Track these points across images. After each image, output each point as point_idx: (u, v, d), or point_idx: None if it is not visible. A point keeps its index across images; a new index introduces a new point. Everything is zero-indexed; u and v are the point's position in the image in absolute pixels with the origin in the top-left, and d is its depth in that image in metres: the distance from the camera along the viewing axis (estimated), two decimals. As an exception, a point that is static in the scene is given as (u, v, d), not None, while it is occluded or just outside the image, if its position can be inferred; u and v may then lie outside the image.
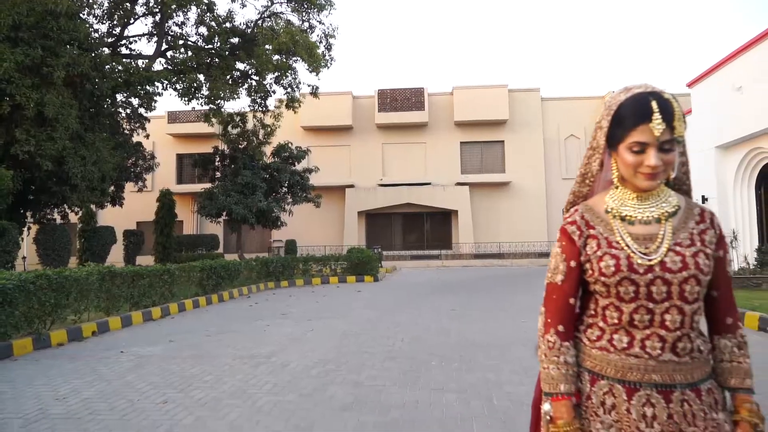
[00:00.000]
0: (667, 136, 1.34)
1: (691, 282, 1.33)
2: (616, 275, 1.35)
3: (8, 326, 6.50)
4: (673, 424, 1.30)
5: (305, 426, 3.77)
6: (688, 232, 1.40)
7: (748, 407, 1.36)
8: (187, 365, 5.78)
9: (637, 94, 1.38)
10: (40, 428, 3.84)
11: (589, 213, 1.48)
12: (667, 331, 1.34)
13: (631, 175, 1.40)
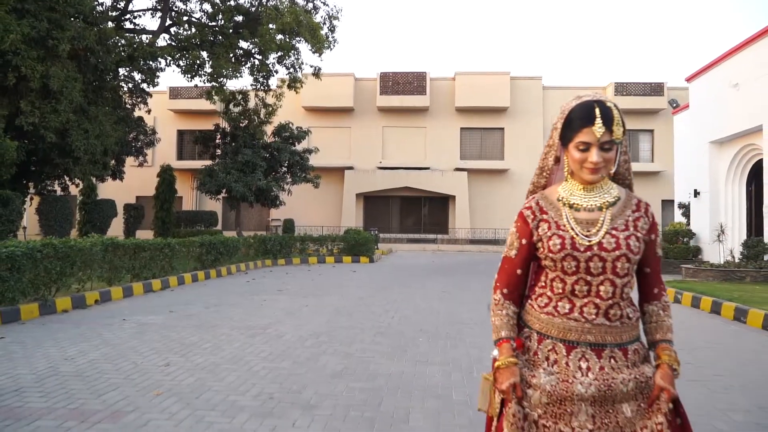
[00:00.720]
0: (607, 138, 1.60)
1: (622, 260, 1.60)
2: (561, 252, 1.62)
3: (16, 292, 6.78)
4: (604, 374, 1.58)
5: (297, 389, 4.07)
6: (625, 219, 1.67)
7: (668, 353, 1.64)
8: (186, 333, 6.09)
9: (585, 102, 1.64)
10: (52, 384, 4.14)
11: (544, 200, 1.75)
12: (601, 299, 1.62)
13: (578, 169, 1.66)
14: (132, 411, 3.56)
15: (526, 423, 1.60)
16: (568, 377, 1.59)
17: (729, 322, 7.32)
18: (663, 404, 1.57)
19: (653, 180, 30.01)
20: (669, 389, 1.58)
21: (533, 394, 1.60)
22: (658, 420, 1.56)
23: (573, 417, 1.57)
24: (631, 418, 1.57)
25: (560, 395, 1.57)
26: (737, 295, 8.61)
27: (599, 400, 1.57)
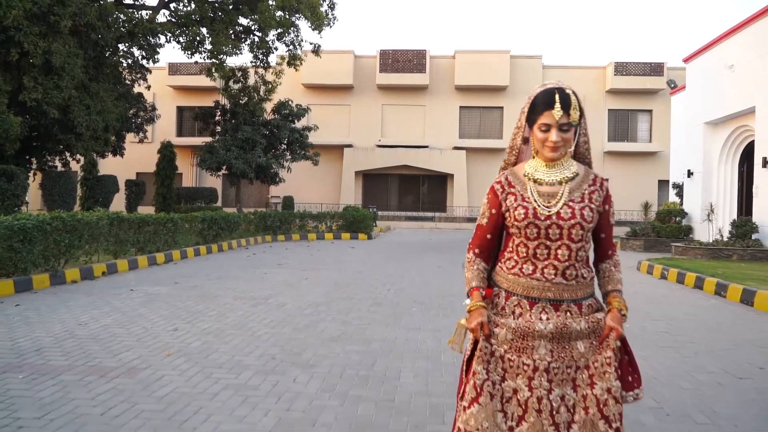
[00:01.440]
0: (565, 120, 1.84)
1: (577, 227, 1.84)
2: (525, 221, 1.86)
3: (28, 263, 7.08)
4: (562, 322, 1.84)
5: (297, 351, 4.40)
6: (581, 192, 1.90)
7: (617, 300, 1.90)
8: (192, 303, 6.41)
9: (547, 89, 1.88)
10: (69, 345, 4.46)
11: (512, 176, 1.99)
12: (559, 261, 1.86)
13: (541, 148, 1.91)
14: (146, 368, 3.88)
15: (493, 358, 1.84)
16: (531, 324, 1.87)
17: (710, 297, 7.66)
18: (612, 341, 1.81)
19: (650, 160, 30.21)
20: (617, 328, 1.82)
21: (500, 332, 1.85)
22: (607, 354, 1.81)
23: (534, 351, 1.82)
24: (584, 353, 1.83)
25: (523, 332, 1.82)
26: (721, 272, 8.93)
27: (557, 337, 1.82)
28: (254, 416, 3.06)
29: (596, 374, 1.82)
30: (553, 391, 1.80)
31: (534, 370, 1.81)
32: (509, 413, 1.82)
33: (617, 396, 1.78)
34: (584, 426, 1.79)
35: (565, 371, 1.82)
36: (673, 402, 3.40)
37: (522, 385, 1.82)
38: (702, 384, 3.76)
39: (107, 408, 3.13)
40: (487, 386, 1.81)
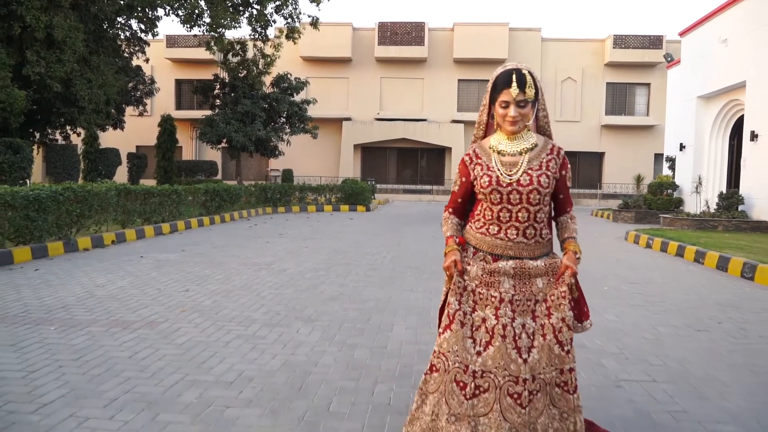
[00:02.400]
0: (522, 97, 2.10)
1: (534, 192, 2.13)
2: (489, 187, 2.15)
3: (43, 231, 7.48)
4: (521, 268, 2.17)
5: (300, 308, 4.82)
6: (540, 161, 2.18)
7: (572, 244, 2.21)
8: (199, 268, 6.82)
9: (507, 70, 2.15)
10: (91, 303, 4.88)
11: (479, 148, 2.28)
12: (519, 223, 2.15)
13: (502, 122, 2.19)
14: (164, 322, 4.30)
15: (465, 292, 2.15)
16: (496, 271, 2.21)
17: (689, 263, 8.09)
18: (567, 278, 2.10)
19: (647, 134, 30.41)
20: (572, 266, 2.12)
21: (471, 269, 2.16)
22: (563, 289, 2.11)
23: (500, 285, 2.12)
24: (542, 288, 2.14)
25: (490, 269, 2.14)
26: (703, 241, 9.34)
27: (518, 275, 2.13)
28: (263, 359, 3.49)
29: (553, 306, 2.12)
30: (515, 320, 2.11)
31: (500, 302, 2.11)
32: (478, 339, 2.12)
33: (570, 324, 2.10)
34: (542, 349, 2.09)
35: (526, 303, 2.13)
36: (634, 349, 3.83)
37: (489, 314, 2.12)
38: (663, 335, 4.20)
39: (133, 352, 3.56)
40: (459, 315, 2.12)
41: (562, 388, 2.12)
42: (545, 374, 2.09)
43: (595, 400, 2.91)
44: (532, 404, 2.07)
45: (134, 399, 2.82)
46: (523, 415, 2.05)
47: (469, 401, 2.07)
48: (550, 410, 2.11)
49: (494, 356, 2.09)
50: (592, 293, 5.69)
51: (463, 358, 2.10)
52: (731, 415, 2.76)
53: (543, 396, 2.10)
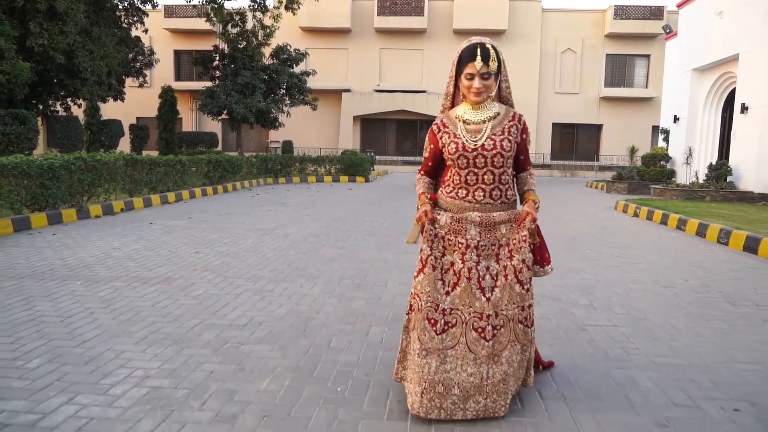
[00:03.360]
0: (485, 70, 2.29)
1: (498, 156, 2.35)
2: (456, 153, 2.36)
3: (57, 198, 7.86)
4: (486, 217, 2.35)
5: (303, 267, 5.25)
6: (502, 127, 2.39)
7: (532, 194, 2.46)
8: (207, 233, 7.23)
9: (471, 44, 2.33)
10: (110, 263, 5.30)
11: (446, 118, 2.47)
12: (486, 185, 2.37)
13: (467, 93, 2.38)
14: (179, 278, 4.73)
15: (436, 239, 2.36)
16: (463, 226, 2.42)
17: (671, 231, 8.50)
18: (527, 222, 2.32)
19: (646, 106, 30.50)
20: (531, 212, 2.33)
21: (441, 218, 2.37)
22: (523, 233, 2.32)
23: (466, 232, 2.34)
24: (505, 234, 2.36)
25: (458, 218, 2.36)
26: (687, 210, 9.73)
27: (483, 223, 2.35)
28: (271, 308, 3.92)
29: (514, 249, 2.34)
30: (480, 263, 2.34)
31: (466, 247, 2.35)
32: (447, 281, 2.36)
33: (529, 265, 2.34)
34: (504, 288, 2.32)
35: (491, 248, 2.36)
36: (603, 301, 4.26)
37: (457, 258, 2.36)
38: (632, 290, 4.63)
39: (155, 302, 3.99)
40: (431, 260, 2.34)
41: (524, 324, 2.37)
42: (507, 311, 2.33)
43: (561, 340, 3.35)
44: (495, 338, 2.31)
45: (161, 338, 3.25)
46: (488, 347, 2.29)
47: (439, 336, 2.30)
48: (515, 345, 2.35)
49: (461, 295, 2.33)
50: (574, 256, 6.12)
51: (434, 298, 2.33)
52: (676, 352, 3.19)
53: (507, 331, 2.32)
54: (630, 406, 2.48)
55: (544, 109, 30.81)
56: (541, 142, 31.21)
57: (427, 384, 2.27)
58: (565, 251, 6.39)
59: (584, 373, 2.84)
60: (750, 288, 4.77)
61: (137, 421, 2.26)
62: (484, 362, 2.29)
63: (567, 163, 30.64)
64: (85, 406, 2.39)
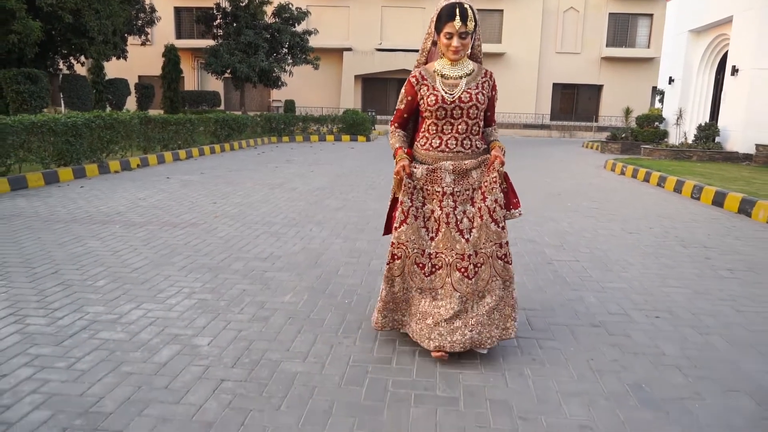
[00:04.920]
0: (463, 29, 2.39)
1: (473, 108, 2.50)
2: (435, 105, 2.48)
3: (80, 154, 8.46)
4: (458, 165, 2.50)
5: (311, 215, 5.90)
6: (476, 83, 2.53)
7: (497, 144, 2.59)
8: (221, 187, 7.86)
9: (451, 3, 2.40)
10: (139, 211, 5.95)
11: (425, 71, 2.57)
12: (458, 134, 2.52)
13: (445, 51, 2.49)
14: (203, 224, 5.39)
15: (415, 191, 2.52)
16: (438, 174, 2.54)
17: (652, 187, 9.11)
18: (496, 165, 2.48)
19: (647, 66, 30.51)
20: (499, 156, 2.49)
21: (417, 171, 2.53)
22: (493, 175, 2.48)
23: (442, 180, 2.51)
24: (477, 179, 2.53)
25: (433, 168, 2.53)
26: (671, 169, 10.31)
27: (456, 171, 2.51)
28: (285, 246, 4.58)
29: (486, 190, 2.49)
30: (457, 209, 2.52)
31: (443, 195, 2.51)
32: (429, 227, 2.55)
33: (501, 204, 2.51)
34: (480, 228, 2.49)
35: (465, 193, 2.53)
36: (572, 243, 4.92)
37: (435, 206, 2.52)
38: (599, 235, 5.29)
39: (187, 242, 4.65)
40: (412, 211, 2.51)
41: (503, 260, 2.53)
42: (486, 249, 2.50)
43: (530, 270, 4.03)
44: (477, 275, 2.50)
45: (198, 266, 3.93)
46: (471, 285, 2.49)
47: (428, 278, 2.54)
48: (496, 280, 2.53)
49: (443, 239, 2.52)
50: (557, 208, 6.76)
51: (420, 245, 2.53)
52: (623, 279, 3.87)
53: (487, 268, 2.51)
54: (574, 314, 3.17)
55: (545, 68, 30.87)
56: (541, 102, 31.40)
57: (420, 315, 2.55)
58: (550, 204, 7.03)
59: (543, 293, 3.53)
60: (704, 234, 5.44)
61: (193, 320, 2.95)
62: (468, 299, 2.50)
63: (566, 123, 30.92)
64: (150, 310, 3.08)
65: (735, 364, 2.57)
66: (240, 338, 2.73)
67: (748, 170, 10.74)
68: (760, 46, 12.50)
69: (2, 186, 6.90)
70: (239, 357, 2.53)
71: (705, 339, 2.86)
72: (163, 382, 2.28)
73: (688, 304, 3.40)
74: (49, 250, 4.26)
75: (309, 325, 2.92)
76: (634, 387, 2.33)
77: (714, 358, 2.63)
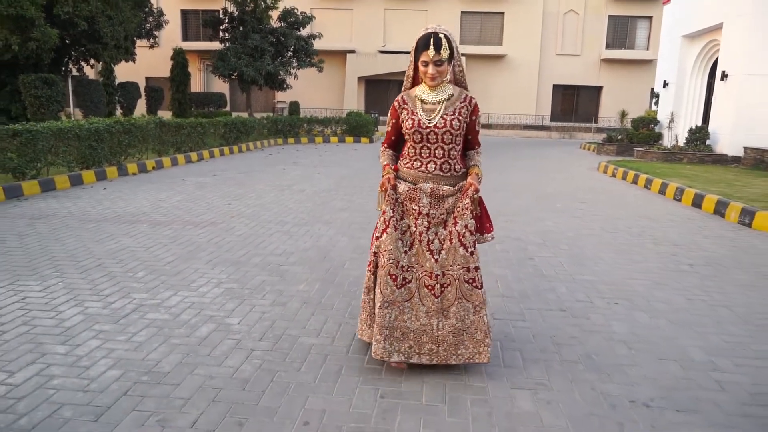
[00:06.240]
0: (438, 58, 2.50)
1: (447, 134, 2.58)
2: (412, 129, 2.59)
3: (102, 158, 9.04)
4: (436, 189, 2.62)
5: (318, 215, 6.46)
6: (454, 108, 2.60)
7: (476, 168, 2.68)
8: (234, 188, 8.42)
9: (427, 33, 2.53)
10: (162, 211, 6.52)
11: (407, 96, 2.69)
12: (437, 158, 2.61)
13: (424, 77, 2.61)
14: (222, 223, 5.95)
15: (397, 203, 2.63)
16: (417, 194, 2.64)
17: (639, 189, 9.63)
18: (470, 192, 2.56)
19: (646, 68, 30.94)
20: (474, 184, 2.57)
21: (400, 187, 2.65)
22: (466, 202, 2.57)
23: (419, 200, 2.62)
24: (452, 204, 2.62)
25: (413, 187, 2.64)
26: (660, 171, 10.83)
27: (434, 195, 2.61)
28: (297, 243, 5.15)
29: (458, 215, 2.59)
30: (430, 229, 2.63)
31: (418, 214, 2.63)
32: (405, 240, 2.66)
33: (471, 230, 2.59)
34: (449, 251, 2.59)
35: (439, 216, 2.63)
36: (554, 241, 5.47)
37: (411, 222, 2.65)
38: (581, 234, 5.83)
39: (209, 239, 5.22)
40: (393, 221, 2.61)
41: (470, 284, 2.59)
42: (453, 271, 2.59)
43: (512, 264, 4.58)
44: (443, 295, 2.61)
45: (221, 261, 4.50)
46: (437, 303, 2.60)
47: (399, 290, 2.60)
48: (463, 303, 2.60)
49: (415, 254, 2.65)
50: (546, 209, 7.31)
51: (396, 256, 2.60)
52: (593, 273, 4.42)
53: (453, 289, 2.60)
54: (546, 302, 3.72)
55: (545, 70, 31.35)
56: (542, 103, 31.89)
57: (388, 331, 2.58)
58: (540, 205, 7.57)
59: (522, 284, 4.08)
60: (677, 233, 5.97)
61: (223, 304, 3.52)
62: (434, 315, 2.60)
63: (566, 124, 31.41)
64: (186, 297, 3.64)
65: (672, 340, 3.12)
66: (264, 319, 3.30)
67: (734, 173, 11.25)
68: (749, 53, 13.00)
69: (34, 188, 7.48)
70: (265, 333, 3.09)
71: (653, 321, 3.41)
72: (206, 351, 2.84)
73: (646, 293, 3.94)
74: (89, 247, 4.83)
75: (320, 309, 3.48)
76: (585, 356, 2.89)
77: (656, 336, 3.18)
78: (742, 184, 9.19)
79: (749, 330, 3.30)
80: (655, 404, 2.42)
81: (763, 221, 6.26)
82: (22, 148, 7.43)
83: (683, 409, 2.39)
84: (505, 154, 16.58)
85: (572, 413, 2.35)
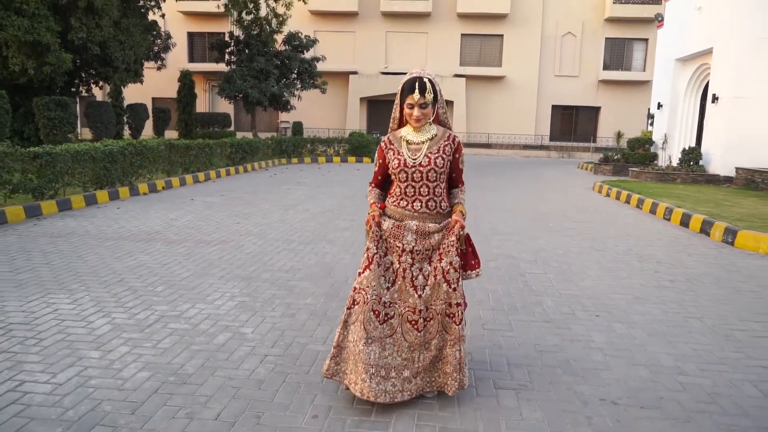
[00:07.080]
0: (422, 101, 2.60)
1: (432, 172, 2.64)
2: (398, 168, 2.66)
3: (115, 178, 9.44)
4: (422, 227, 2.65)
5: (323, 234, 6.81)
6: (438, 147, 2.68)
7: (461, 206, 2.74)
8: (241, 208, 8.80)
9: (411, 78, 2.64)
10: (174, 230, 6.88)
11: (393, 137, 2.78)
12: (422, 196, 2.67)
13: (409, 119, 2.69)
14: (231, 241, 6.31)
15: (381, 240, 2.67)
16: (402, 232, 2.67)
17: (631, 208, 9.97)
18: (456, 229, 2.62)
19: (643, 89, 31.51)
20: (459, 221, 2.63)
21: (384, 224, 2.68)
22: (451, 239, 2.62)
23: (404, 237, 2.65)
24: (438, 241, 2.66)
25: (398, 225, 2.67)
26: (652, 191, 11.19)
27: (419, 232, 2.65)
28: (302, 260, 5.49)
29: (443, 252, 2.64)
30: (414, 265, 2.67)
31: (402, 251, 2.66)
32: (387, 277, 2.69)
33: (456, 267, 2.63)
34: (433, 287, 2.64)
35: (424, 253, 2.67)
36: (545, 258, 5.80)
37: (395, 259, 2.68)
38: (570, 252, 6.16)
39: (221, 257, 5.57)
40: (376, 258, 2.65)
41: (450, 318, 2.65)
42: (436, 306, 2.65)
43: (504, 280, 4.91)
44: (426, 329, 2.65)
45: (233, 276, 4.84)
46: (419, 337, 2.65)
47: (381, 325, 2.63)
48: (444, 336, 2.66)
49: (398, 291, 2.68)
50: (539, 227, 7.65)
51: (378, 292, 2.64)
52: (579, 288, 4.75)
53: (435, 323, 2.66)
54: (532, 314, 4.05)
55: (544, 91, 31.95)
56: (541, 123, 32.44)
57: (374, 369, 2.57)
58: (534, 224, 7.92)
59: (511, 298, 4.42)
60: (662, 251, 6.31)
61: (237, 316, 3.86)
62: (416, 349, 2.65)
63: (565, 144, 31.91)
64: (203, 309, 3.98)
65: (645, 348, 3.45)
66: (275, 328, 3.63)
67: (724, 192, 11.61)
68: (738, 77, 13.46)
69: (52, 207, 7.87)
70: (276, 341, 3.43)
71: (630, 331, 3.74)
72: (224, 356, 3.18)
73: (626, 306, 4.27)
74: (109, 263, 5.19)
75: (326, 320, 3.82)
76: (564, 362, 3.21)
77: (631, 344, 3.51)
78: (730, 204, 9.53)
79: (717, 339, 3.62)
80: (622, 402, 2.75)
81: (744, 240, 6.60)
82: (41, 169, 7.84)
83: (647, 406, 2.71)
84: (504, 174, 16.99)
85: (548, 409, 2.67)
